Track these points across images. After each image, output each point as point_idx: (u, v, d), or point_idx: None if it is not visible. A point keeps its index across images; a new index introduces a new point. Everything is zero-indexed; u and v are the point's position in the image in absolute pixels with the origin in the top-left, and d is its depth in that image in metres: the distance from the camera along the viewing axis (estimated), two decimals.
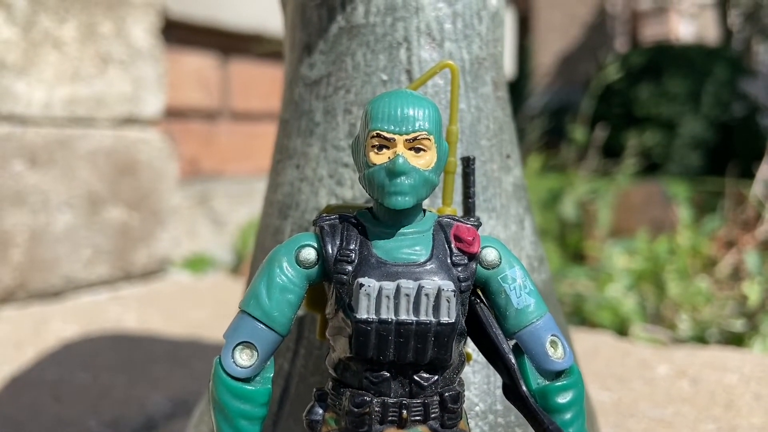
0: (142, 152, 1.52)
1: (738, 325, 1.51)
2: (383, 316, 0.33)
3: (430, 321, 0.33)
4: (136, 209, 1.52)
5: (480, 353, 0.45)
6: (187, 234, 1.76)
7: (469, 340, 0.39)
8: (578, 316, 1.58)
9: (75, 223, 1.41)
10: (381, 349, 0.33)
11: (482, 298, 0.37)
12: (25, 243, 1.34)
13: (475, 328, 0.36)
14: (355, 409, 0.33)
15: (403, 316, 0.33)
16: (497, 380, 0.44)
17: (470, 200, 0.39)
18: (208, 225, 1.87)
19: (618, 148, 2.86)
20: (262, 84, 2.00)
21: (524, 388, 0.34)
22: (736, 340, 1.37)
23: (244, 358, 0.35)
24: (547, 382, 0.35)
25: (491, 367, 0.44)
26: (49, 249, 1.37)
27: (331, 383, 0.36)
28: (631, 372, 0.93)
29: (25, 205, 1.33)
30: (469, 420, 0.37)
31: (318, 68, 0.48)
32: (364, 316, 0.33)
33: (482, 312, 0.36)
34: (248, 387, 0.34)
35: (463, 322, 0.35)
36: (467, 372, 0.44)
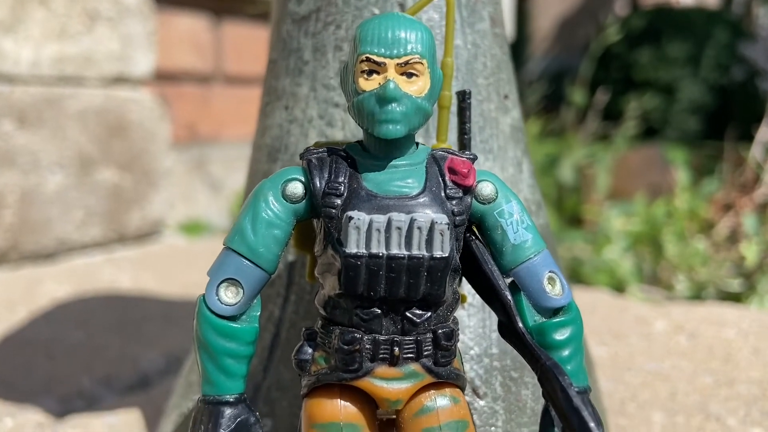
0: (133, 112, 1.49)
1: (735, 284, 1.51)
2: (374, 250, 0.32)
3: (423, 255, 0.32)
4: (128, 170, 1.50)
5: (475, 294, 0.43)
6: (183, 199, 1.74)
7: (464, 282, 0.38)
8: (575, 279, 1.58)
9: (66, 184, 1.39)
10: (371, 284, 0.32)
11: (477, 235, 0.35)
12: (16, 204, 1.32)
13: (470, 266, 0.35)
14: (345, 347, 0.32)
15: (394, 251, 0.32)
16: (492, 324, 0.43)
17: (466, 137, 0.38)
18: (204, 190, 1.85)
19: (617, 113, 2.83)
20: (255, 46, 1.96)
21: (520, 324, 0.33)
22: (733, 299, 1.36)
23: (229, 296, 0.33)
24: (544, 320, 0.34)
25: (486, 310, 0.43)
26: (41, 210, 1.36)
27: (320, 322, 0.34)
28: (628, 328, 0.92)
29: (14, 166, 1.31)
30: (464, 362, 0.36)
31: (306, 3, 0.46)
32: (354, 251, 0.32)
33: (477, 249, 0.34)
34: (234, 325, 0.33)
35: (458, 258, 0.34)
36: (462, 315, 0.43)
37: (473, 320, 0.43)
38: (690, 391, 0.72)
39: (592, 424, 0.28)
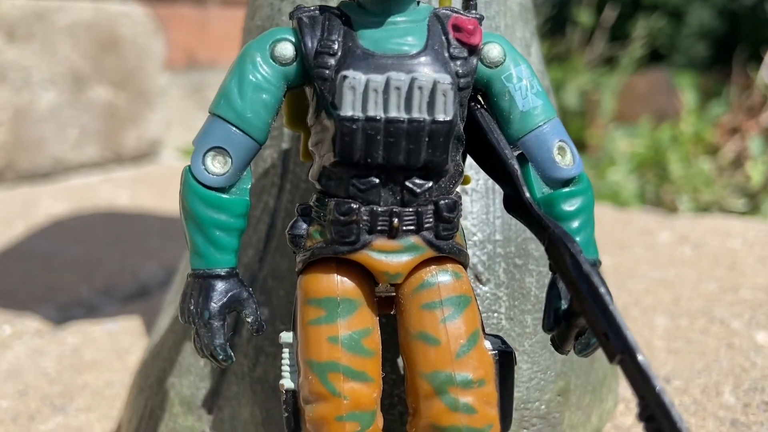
0: (125, 27, 1.44)
1: (739, 204, 1.49)
2: (371, 113, 0.29)
3: (424, 119, 0.30)
4: (122, 89, 1.46)
5: (479, 179, 0.41)
6: (180, 124, 1.70)
7: (468, 162, 0.36)
8: None
9: (59, 102, 1.36)
10: (368, 151, 0.30)
11: (483, 104, 0.33)
12: (9, 122, 1.29)
13: (474, 139, 0.33)
14: (341, 218, 0.30)
15: (393, 113, 0.30)
16: (496, 210, 0.41)
17: (471, 2, 0.35)
18: (202, 115, 1.82)
19: (623, 35, 2.75)
20: None
21: (527, 194, 0.31)
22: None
23: (217, 166, 0.31)
24: (553, 191, 0.32)
25: (490, 196, 0.41)
26: (35, 128, 1.33)
27: (315, 195, 0.32)
28: (632, 239, 0.91)
29: (6, 82, 1.27)
30: (467, 248, 0.35)
31: None
32: (349, 114, 0.29)
33: (483, 118, 0.32)
34: (223, 196, 0.31)
35: (461, 127, 0.31)
36: (465, 201, 0.41)
37: (476, 206, 0.41)
38: (694, 297, 0.71)
39: (602, 289, 0.27)
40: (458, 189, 0.34)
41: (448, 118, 0.30)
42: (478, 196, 0.41)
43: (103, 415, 0.57)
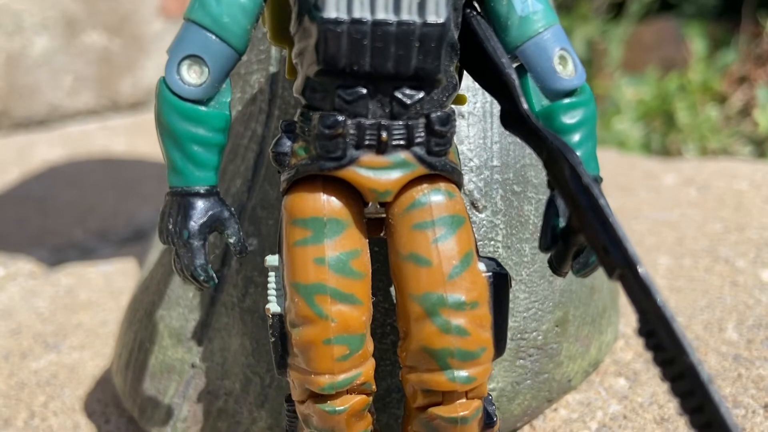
0: None
1: (746, 152, 1.47)
2: (356, 15, 0.27)
3: (414, 21, 0.28)
4: (116, 34, 1.43)
5: (476, 102, 0.40)
6: None
7: (464, 84, 0.34)
8: None
9: (53, 47, 1.33)
10: (354, 57, 0.28)
11: (479, 10, 0.31)
12: (2, 68, 1.26)
13: (470, 49, 0.31)
14: (326, 131, 0.29)
15: (380, 15, 0.27)
16: (494, 134, 0.40)
17: None
18: None
19: None
20: None
21: (525, 105, 0.29)
22: None
23: (193, 76, 0.29)
24: (553, 102, 0.30)
25: (488, 120, 0.40)
26: (29, 75, 1.30)
27: (299, 110, 0.31)
28: (636, 182, 0.89)
29: None
30: (463, 174, 0.33)
31: None
32: (333, 16, 0.27)
33: (479, 25, 0.30)
34: (201, 108, 0.29)
35: (455, 33, 0.29)
36: (461, 125, 0.39)
37: (473, 130, 0.39)
38: (698, 237, 0.70)
39: (602, 201, 0.25)
40: (453, 107, 0.32)
41: (440, 21, 0.28)
42: (475, 120, 0.39)
43: (96, 353, 0.57)
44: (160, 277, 0.45)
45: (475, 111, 0.39)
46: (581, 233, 0.27)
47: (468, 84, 0.38)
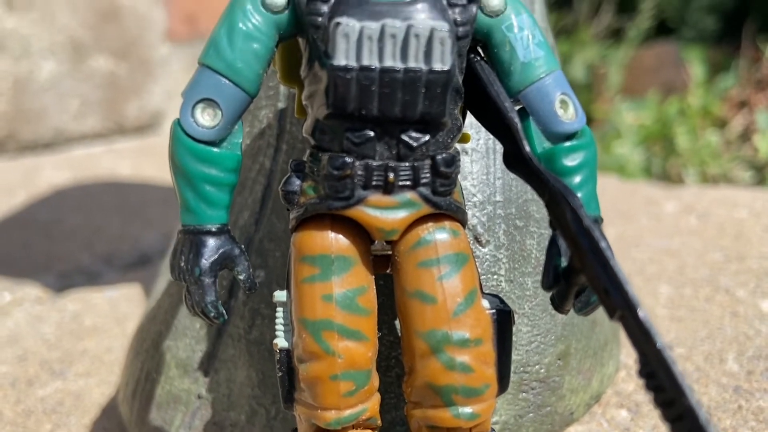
0: None
1: (746, 177, 1.48)
2: (365, 62, 0.28)
3: (421, 68, 0.29)
4: (123, 59, 1.45)
5: (479, 138, 0.40)
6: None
7: (467, 122, 0.35)
8: None
9: (60, 72, 1.35)
10: (363, 102, 0.29)
11: (482, 56, 0.32)
12: (9, 91, 1.28)
13: (474, 93, 0.32)
14: (335, 172, 0.29)
15: (388, 63, 0.28)
16: (497, 170, 0.40)
17: None
18: None
19: (631, 7, 2.70)
20: None
21: (527, 148, 0.30)
22: None
23: (207, 118, 0.30)
24: (554, 145, 0.31)
25: (491, 156, 0.41)
26: (36, 99, 1.32)
27: (308, 151, 0.31)
28: (637, 209, 0.90)
29: (5, 51, 1.26)
30: (466, 209, 0.34)
31: None
32: (343, 63, 0.28)
33: (482, 70, 0.31)
34: (214, 150, 0.30)
35: (460, 79, 0.30)
36: (465, 161, 0.40)
37: (477, 166, 0.40)
38: (699, 266, 0.70)
39: (603, 243, 0.26)
40: (458, 147, 0.33)
41: (445, 68, 0.29)
42: (478, 156, 0.40)
43: (102, 380, 0.57)
44: (168, 307, 0.46)
45: (478, 147, 0.40)
46: (583, 273, 0.27)
47: (471, 121, 0.39)
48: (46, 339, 0.64)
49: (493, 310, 0.31)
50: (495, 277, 0.39)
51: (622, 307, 0.25)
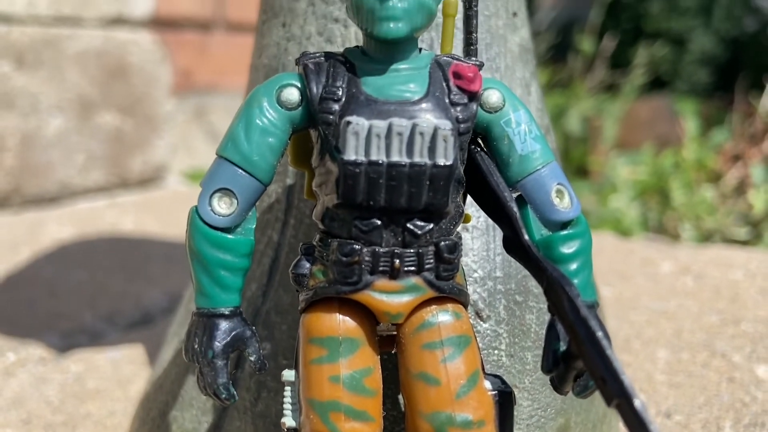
0: (133, 54, 1.46)
1: (742, 233, 1.49)
2: (373, 157, 0.30)
3: (425, 163, 0.30)
4: (129, 115, 1.48)
5: (480, 216, 0.42)
6: (184, 147, 1.72)
7: (469, 203, 0.37)
8: None
9: (67, 128, 1.38)
10: (371, 193, 0.31)
11: (483, 147, 0.34)
12: (16, 147, 1.31)
13: (474, 181, 0.33)
14: (344, 258, 0.31)
15: (395, 158, 0.30)
16: (497, 247, 0.42)
17: (472, 47, 0.36)
18: (204, 139, 1.83)
19: (626, 62, 2.77)
20: None
21: (526, 237, 0.31)
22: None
23: (223, 207, 0.32)
24: (551, 233, 0.33)
25: (491, 233, 0.42)
26: (42, 154, 1.34)
27: (318, 236, 0.33)
28: (634, 269, 0.91)
29: (14, 108, 1.29)
30: (467, 285, 0.35)
31: None
32: (353, 158, 0.30)
33: (483, 161, 0.33)
34: (229, 236, 0.32)
35: (462, 170, 0.32)
36: (466, 238, 0.42)
37: (477, 243, 0.42)
38: (696, 329, 0.71)
39: (599, 333, 0.27)
40: (459, 232, 0.35)
41: (448, 163, 0.31)
42: (478, 233, 0.42)
43: None
44: (174, 378, 0.47)
45: (478, 225, 0.42)
46: (580, 359, 0.29)
47: (472, 200, 0.41)
48: (49, 402, 0.64)
49: (495, 392, 0.32)
50: (496, 351, 0.41)
51: (619, 396, 0.26)
